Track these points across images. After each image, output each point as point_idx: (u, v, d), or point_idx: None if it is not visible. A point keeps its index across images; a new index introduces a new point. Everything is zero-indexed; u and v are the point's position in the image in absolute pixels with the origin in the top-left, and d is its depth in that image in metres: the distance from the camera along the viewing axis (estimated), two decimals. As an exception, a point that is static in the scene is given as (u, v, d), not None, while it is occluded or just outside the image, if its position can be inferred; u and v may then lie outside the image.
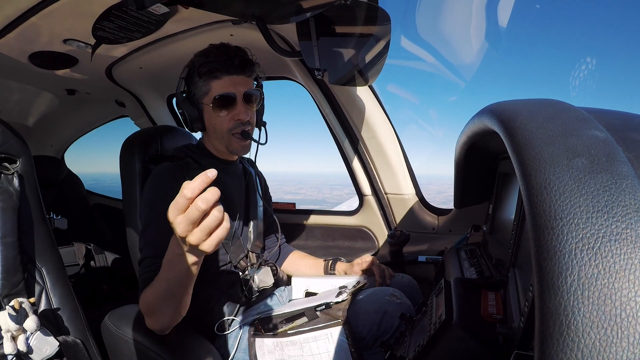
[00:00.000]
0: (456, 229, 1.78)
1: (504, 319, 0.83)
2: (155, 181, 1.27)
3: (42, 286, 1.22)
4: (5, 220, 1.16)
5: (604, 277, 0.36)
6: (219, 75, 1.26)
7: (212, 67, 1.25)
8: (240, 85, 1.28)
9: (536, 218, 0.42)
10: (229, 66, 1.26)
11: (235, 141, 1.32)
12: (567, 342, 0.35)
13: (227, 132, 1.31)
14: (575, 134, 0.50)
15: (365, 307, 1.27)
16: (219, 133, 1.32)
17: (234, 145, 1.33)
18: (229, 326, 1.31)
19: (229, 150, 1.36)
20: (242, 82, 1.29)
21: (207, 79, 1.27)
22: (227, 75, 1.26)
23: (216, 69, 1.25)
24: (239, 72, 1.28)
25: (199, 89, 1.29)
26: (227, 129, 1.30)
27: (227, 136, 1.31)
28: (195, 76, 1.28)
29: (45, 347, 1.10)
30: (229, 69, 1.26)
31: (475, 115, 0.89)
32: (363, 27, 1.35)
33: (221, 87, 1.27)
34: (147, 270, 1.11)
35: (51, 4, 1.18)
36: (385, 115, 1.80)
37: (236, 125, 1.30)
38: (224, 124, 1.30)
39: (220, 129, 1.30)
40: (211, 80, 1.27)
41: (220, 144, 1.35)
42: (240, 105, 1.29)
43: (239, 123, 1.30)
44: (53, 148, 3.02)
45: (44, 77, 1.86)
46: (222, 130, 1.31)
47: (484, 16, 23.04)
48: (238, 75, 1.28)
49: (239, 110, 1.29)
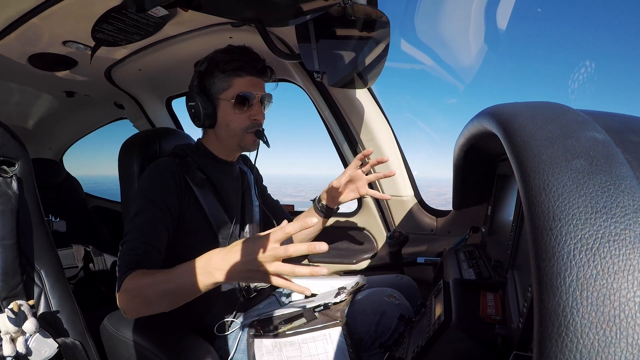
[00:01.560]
0: (455, 231, 1.78)
1: (503, 319, 0.83)
2: (153, 172, 1.28)
3: (41, 288, 1.22)
4: (4, 223, 1.16)
5: (602, 277, 0.36)
6: (242, 74, 1.29)
7: (238, 65, 1.28)
8: (259, 88, 1.33)
9: (535, 219, 0.42)
10: (253, 67, 1.30)
11: (249, 138, 1.35)
12: (566, 343, 0.35)
13: (242, 130, 1.33)
14: (574, 136, 0.50)
15: (363, 308, 1.28)
16: (233, 130, 1.33)
17: (246, 142, 1.36)
18: (229, 327, 1.31)
19: (241, 147, 1.38)
20: (261, 85, 1.34)
21: (230, 75, 1.29)
22: (250, 76, 1.30)
23: (242, 67, 1.29)
24: (260, 75, 1.33)
25: (217, 84, 1.31)
26: (243, 127, 1.33)
27: (241, 133, 1.34)
28: (216, 71, 1.30)
29: (45, 349, 1.10)
30: (252, 70, 1.30)
31: (474, 118, 0.90)
32: (362, 30, 1.36)
33: (243, 85, 1.30)
34: (134, 253, 1.12)
35: (51, 6, 1.18)
36: (384, 118, 1.80)
37: (253, 125, 1.33)
38: (240, 122, 1.32)
39: (235, 126, 1.33)
40: (234, 78, 1.29)
41: (231, 141, 1.36)
42: (257, 106, 1.33)
43: (256, 123, 1.34)
44: (52, 151, 3.01)
45: (43, 78, 1.86)
46: (236, 127, 1.33)
47: (483, 19, 23.02)
48: (259, 77, 1.33)
49: (256, 111, 1.33)
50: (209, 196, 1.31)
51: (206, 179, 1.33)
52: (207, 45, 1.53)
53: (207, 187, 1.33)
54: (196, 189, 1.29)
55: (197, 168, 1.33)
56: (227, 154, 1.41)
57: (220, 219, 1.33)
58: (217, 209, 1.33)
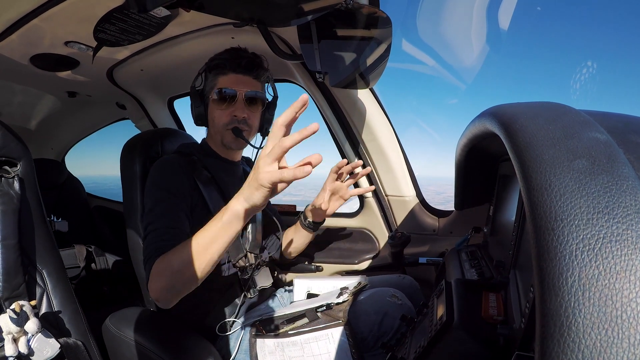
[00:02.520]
0: (457, 231, 1.78)
1: (505, 320, 0.83)
2: (161, 167, 1.29)
3: (43, 288, 1.22)
4: (6, 223, 1.16)
5: (604, 278, 0.36)
6: (225, 71, 1.31)
7: (220, 62, 1.31)
8: (244, 85, 1.32)
9: (537, 219, 0.42)
10: (236, 64, 1.30)
11: (229, 135, 1.35)
12: (568, 343, 0.35)
13: (223, 126, 1.34)
14: (576, 136, 0.50)
15: (366, 308, 1.28)
16: (216, 127, 1.35)
17: (227, 139, 1.36)
18: (231, 327, 1.31)
19: (223, 144, 1.38)
20: (247, 82, 1.32)
21: (215, 74, 1.32)
22: (233, 73, 1.31)
23: (223, 65, 1.31)
24: (245, 72, 1.32)
25: (207, 84, 1.34)
26: (224, 123, 1.33)
27: (222, 130, 1.34)
28: (206, 71, 1.34)
29: (47, 349, 1.10)
30: (236, 67, 1.31)
31: (476, 118, 0.89)
32: (364, 30, 1.36)
33: (225, 82, 1.31)
34: (163, 239, 1.11)
35: (53, 6, 1.18)
36: (386, 118, 1.80)
37: (231, 122, 1.32)
38: (221, 118, 1.33)
39: (218, 122, 1.34)
40: (218, 76, 1.32)
41: (217, 138, 1.38)
42: (240, 103, 1.32)
43: (235, 119, 1.32)
44: (54, 151, 3.02)
45: (45, 79, 1.87)
46: (219, 124, 1.34)
47: (485, 19, 22.96)
48: (244, 75, 1.32)
49: (237, 107, 1.32)
50: (213, 194, 1.32)
51: (211, 177, 1.34)
52: (209, 45, 1.53)
53: (212, 185, 1.33)
54: (202, 187, 1.29)
55: (202, 166, 1.33)
56: (226, 153, 1.42)
57: None
58: (221, 207, 1.33)
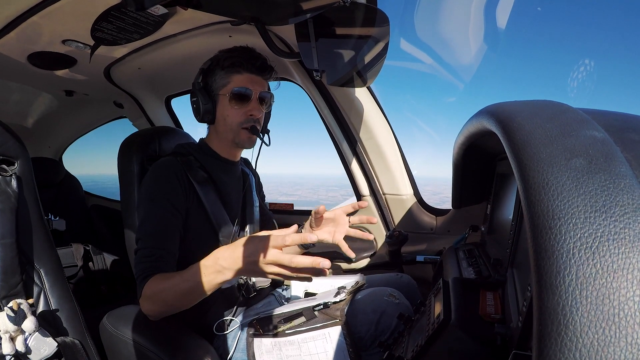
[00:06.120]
0: (454, 229, 1.78)
1: (502, 318, 0.83)
2: (157, 174, 1.28)
3: (40, 287, 1.22)
4: (3, 222, 1.16)
5: (602, 276, 0.36)
6: (240, 70, 1.31)
7: (236, 61, 1.31)
8: (258, 85, 1.34)
9: (534, 218, 0.42)
10: (252, 65, 1.32)
11: (244, 134, 1.35)
12: (565, 342, 0.35)
13: (238, 125, 1.34)
14: (573, 135, 0.50)
15: (363, 307, 1.28)
16: (229, 125, 1.34)
17: (241, 137, 1.36)
18: (228, 326, 1.31)
19: (235, 143, 1.37)
20: (260, 82, 1.35)
21: (229, 71, 1.31)
22: (248, 73, 1.32)
23: (240, 64, 1.31)
24: (259, 72, 1.34)
25: (217, 81, 1.33)
26: (239, 122, 1.33)
27: (236, 128, 1.34)
28: (217, 68, 1.33)
29: (44, 348, 1.10)
30: (251, 67, 1.32)
31: (473, 116, 0.90)
32: (362, 28, 1.35)
33: (241, 81, 1.31)
34: (148, 260, 1.15)
35: (50, 4, 1.18)
36: (383, 116, 1.80)
37: (248, 120, 1.34)
38: (236, 117, 1.33)
39: (231, 121, 1.33)
40: (232, 74, 1.31)
41: (227, 136, 1.37)
42: (254, 103, 1.33)
43: (251, 119, 1.34)
44: (51, 150, 3.01)
45: (43, 77, 1.86)
46: (232, 122, 1.33)
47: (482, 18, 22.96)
48: (257, 75, 1.34)
49: (253, 107, 1.33)
50: (210, 194, 1.32)
51: (208, 177, 1.33)
52: (206, 44, 1.53)
53: (208, 185, 1.33)
54: (198, 187, 1.29)
55: (199, 166, 1.33)
56: (228, 153, 1.41)
57: (221, 218, 1.33)
58: (218, 207, 1.33)
